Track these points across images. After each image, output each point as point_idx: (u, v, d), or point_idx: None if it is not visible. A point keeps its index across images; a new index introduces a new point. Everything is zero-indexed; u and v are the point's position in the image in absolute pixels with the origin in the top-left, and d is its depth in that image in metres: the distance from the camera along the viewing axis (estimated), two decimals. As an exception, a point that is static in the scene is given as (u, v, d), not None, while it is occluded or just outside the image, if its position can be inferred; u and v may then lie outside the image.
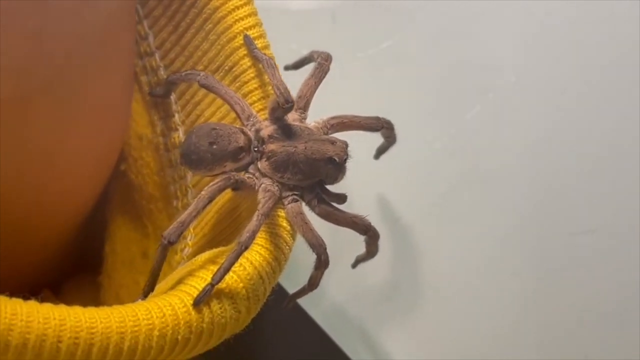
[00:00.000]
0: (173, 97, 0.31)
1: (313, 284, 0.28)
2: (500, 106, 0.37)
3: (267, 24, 0.37)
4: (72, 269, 0.36)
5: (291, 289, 0.29)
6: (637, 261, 0.36)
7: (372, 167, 0.34)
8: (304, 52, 0.37)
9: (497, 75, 0.37)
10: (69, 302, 0.36)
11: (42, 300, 0.35)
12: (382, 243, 0.37)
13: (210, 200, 0.26)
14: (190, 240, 0.31)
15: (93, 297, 0.35)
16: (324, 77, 0.29)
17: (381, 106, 0.38)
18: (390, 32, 0.37)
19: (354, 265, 0.32)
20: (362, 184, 0.36)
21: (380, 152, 0.33)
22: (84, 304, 0.36)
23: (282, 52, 0.38)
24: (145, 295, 0.26)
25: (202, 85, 0.29)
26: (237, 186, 0.27)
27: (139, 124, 0.32)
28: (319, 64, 0.30)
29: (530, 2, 0.38)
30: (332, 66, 0.37)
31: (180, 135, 0.31)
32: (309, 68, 0.33)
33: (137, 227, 0.34)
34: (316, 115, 0.30)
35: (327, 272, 0.36)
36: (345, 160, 0.28)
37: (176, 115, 0.31)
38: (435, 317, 0.36)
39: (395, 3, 0.37)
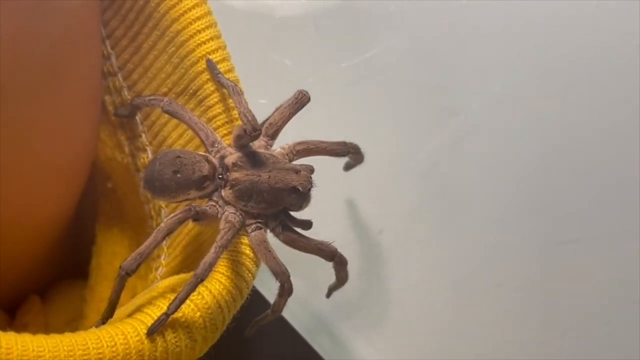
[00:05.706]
0: (139, 117, 0.31)
1: (276, 310, 0.28)
2: (484, 115, 0.36)
3: (248, 33, 0.37)
4: (62, 275, 0.37)
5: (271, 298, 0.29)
6: (624, 270, 0.35)
7: (353, 175, 0.33)
8: (287, 62, 0.37)
9: (481, 83, 0.36)
10: (55, 308, 0.37)
11: (30, 306, 0.36)
12: (373, 254, 0.37)
13: (170, 232, 0.26)
14: (163, 259, 0.31)
15: (80, 303, 0.35)
16: (300, 109, 0.29)
17: (366, 116, 0.37)
18: (374, 41, 0.36)
19: (328, 295, 0.32)
20: (339, 192, 0.36)
21: (349, 167, 0.33)
22: (70, 310, 0.37)
23: (263, 62, 0.37)
24: (103, 321, 0.26)
25: (166, 112, 0.28)
26: (197, 217, 0.27)
27: (107, 145, 0.32)
28: (300, 94, 0.29)
29: (517, 11, 0.37)
30: (317, 77, 0.37)
31: (149, 155, 0.31)
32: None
33: (123, 242, 0.34)
34: (299, 123, 0.29)
35: (308, 281, 0.36)
36: (309, 190, 0.27)
37: (143, 136, 0.31)
38: (416, 329, 0.36)
39: (379, 10, 0.36)
